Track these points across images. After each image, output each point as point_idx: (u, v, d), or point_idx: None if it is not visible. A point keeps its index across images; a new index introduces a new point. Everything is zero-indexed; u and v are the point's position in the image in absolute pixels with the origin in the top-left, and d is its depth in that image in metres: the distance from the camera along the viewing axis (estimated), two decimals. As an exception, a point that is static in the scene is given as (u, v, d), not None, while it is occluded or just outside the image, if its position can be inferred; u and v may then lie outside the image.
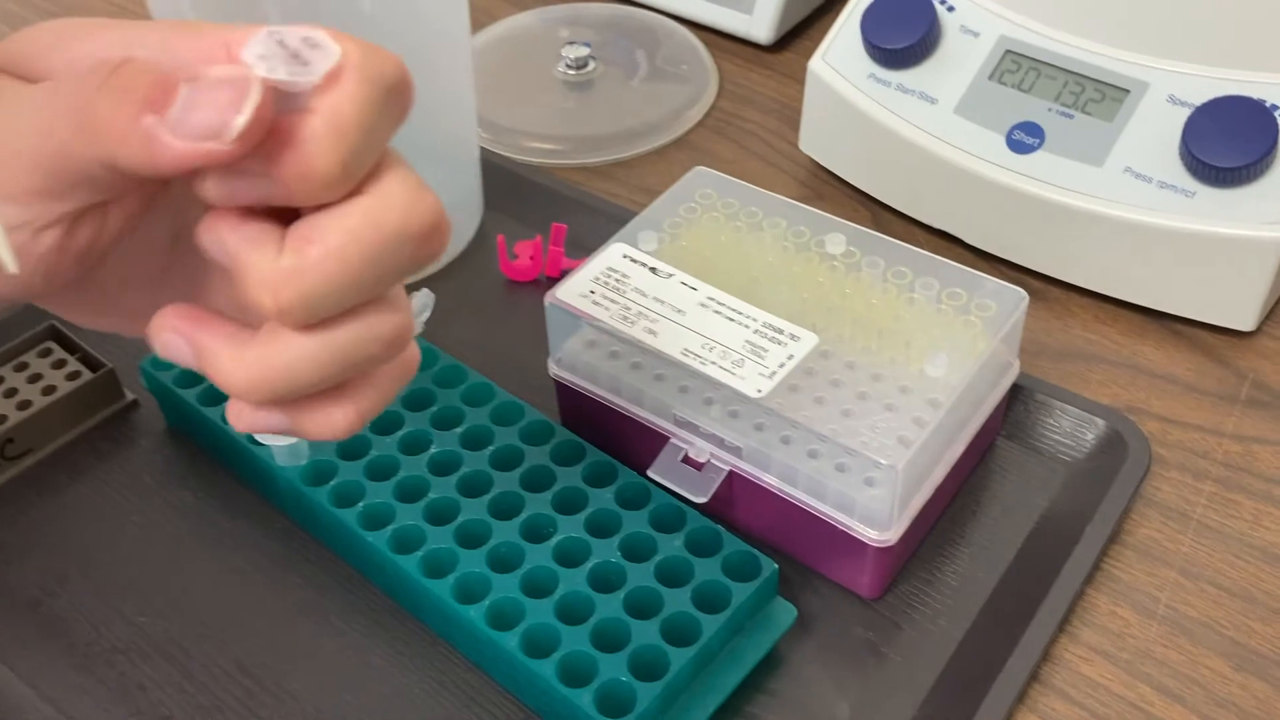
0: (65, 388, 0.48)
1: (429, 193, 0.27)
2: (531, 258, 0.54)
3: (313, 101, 0.25)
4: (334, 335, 0.27)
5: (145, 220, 0.30)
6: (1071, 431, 0.47)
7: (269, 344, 0.27)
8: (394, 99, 0.26)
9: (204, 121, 0.24)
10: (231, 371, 0.27)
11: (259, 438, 0.42)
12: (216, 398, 0.45)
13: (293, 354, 0.26)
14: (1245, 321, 0.50)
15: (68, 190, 0.26)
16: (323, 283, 0.26)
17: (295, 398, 0.28)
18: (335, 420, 0.28)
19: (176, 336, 0.28)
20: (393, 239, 0.26)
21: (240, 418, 0.28)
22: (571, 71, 0.67)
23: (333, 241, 0.26)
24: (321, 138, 0.25)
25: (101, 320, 0.32)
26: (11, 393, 0.47)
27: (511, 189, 0.58)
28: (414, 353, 0.30)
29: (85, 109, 0.25)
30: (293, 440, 0.42)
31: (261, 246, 0.26)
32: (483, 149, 0.57)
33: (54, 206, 0.26)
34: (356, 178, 0.26)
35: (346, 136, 0.25)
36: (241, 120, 0.24)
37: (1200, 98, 0.49)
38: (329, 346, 0.27)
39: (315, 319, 0.26)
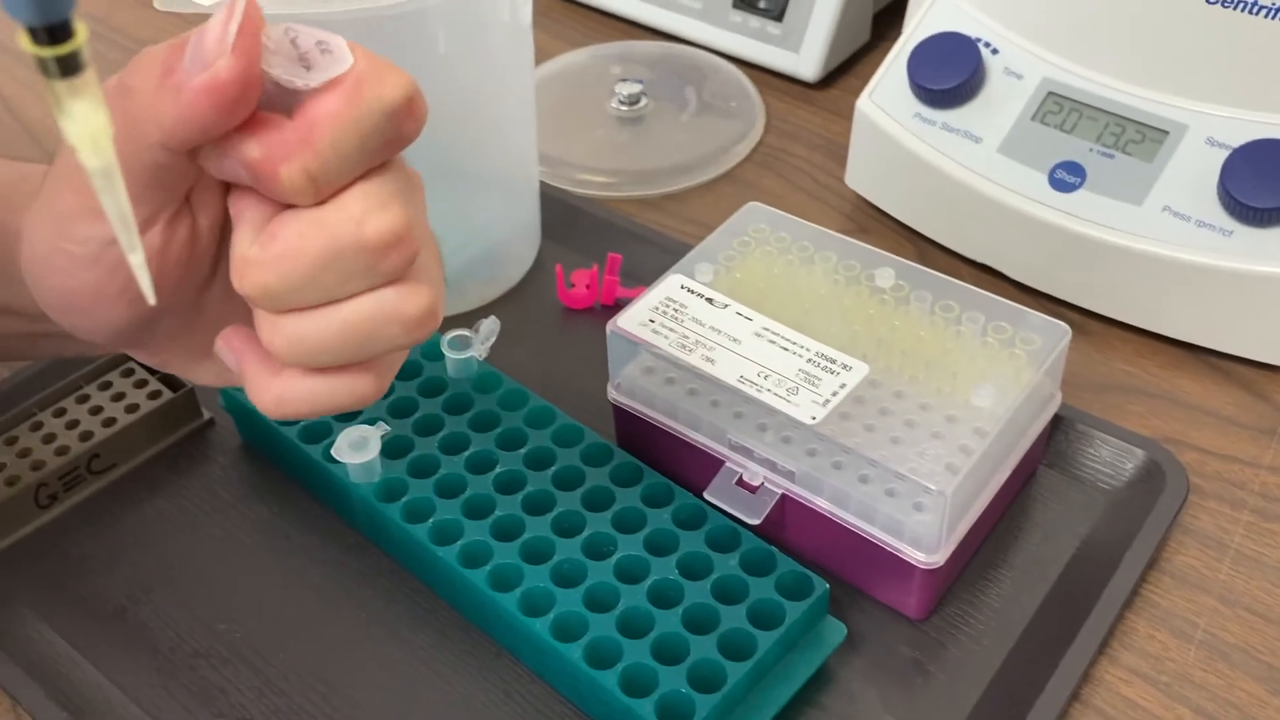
0: (147, 406, 0.50)
1: (391, 210, 0.28)
2: (588, 286, 0.56)
3: (301, 108, 0.27)
4: (332, 316, 0.28)
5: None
6: (1111, 461, 0.48)
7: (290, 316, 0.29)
8: (391, 122, 0.27)
9: (208, 47, 0.26)
10: (265, 333, 0.29)
11: (335, 455, 0.45)
12: (292, 417, 0.48)
13: (295, 328, 0.29)
14: (1282, 357, 0.52)
15: (148, 189, 0.29)
16: (278, 279, 0.28)
17: (315, 366, 0.30)
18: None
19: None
20: (347, 249, 0.27)
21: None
22: (624, 107, 0.69)
23: (289, 243, 0.27)
24: (292, 147, 0.26)
25: (204, 369, 0.34)
26: (97, 410, 0.50)
27: (568, 219, 0.61)
28: (369, 385, 0.31)
29: (126, 97, 0.27)
30: (368, 459, 0.45)
31: (250, 228, 0.28)
32: (540, 181, 0.59)
33: (143, 209, 0.29)
34: (326, 190, 0.27)
35: (319, 154, 0.27)
36: (234, 26, 0.25)
37: (1238, 140, 0.51)
38: (326, 327, 0.28)
39: (283, 307, 0.28)
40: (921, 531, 0.41)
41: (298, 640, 0.44)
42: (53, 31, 0.21)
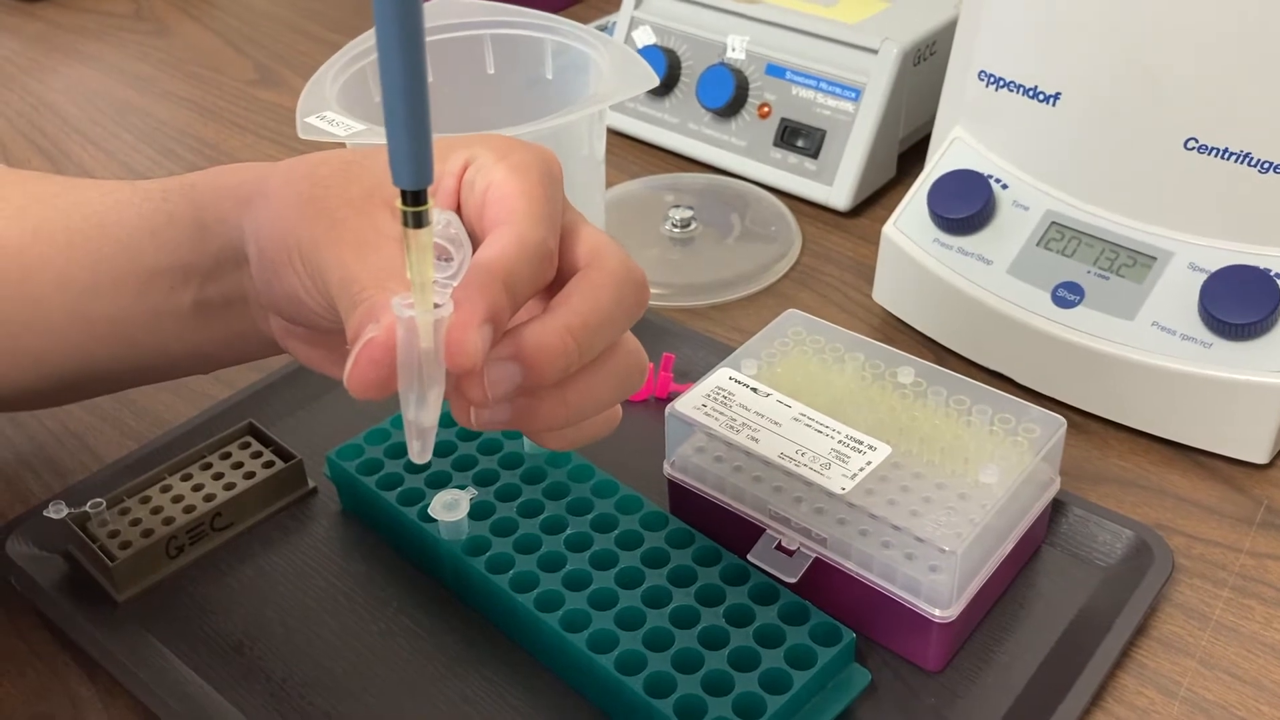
0: (262, 475, 0.58)
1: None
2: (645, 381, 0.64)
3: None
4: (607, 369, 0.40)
5: None
6: (1106, 542, 0.54)
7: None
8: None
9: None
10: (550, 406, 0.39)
11: (431, 513, 0.52)
12: (390, 484, 0.55)
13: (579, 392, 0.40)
14: (1260, 455, 0.59)
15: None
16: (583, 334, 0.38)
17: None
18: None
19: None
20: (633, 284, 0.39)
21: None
22: (676, 230, 0.78)
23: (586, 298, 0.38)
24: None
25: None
26: (219, 476, 0.58)
27: (627, 326, 0.69)
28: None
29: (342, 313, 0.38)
30: (458, 518, 0.52)
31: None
32: (604, 291, 0.67)
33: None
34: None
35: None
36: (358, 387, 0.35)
37: (1215, 265, 0.59)
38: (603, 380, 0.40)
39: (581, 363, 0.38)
40: (937, 590, 0.48)
41: (392, 674, 0.50)
42: (416, 196, 0.31)
